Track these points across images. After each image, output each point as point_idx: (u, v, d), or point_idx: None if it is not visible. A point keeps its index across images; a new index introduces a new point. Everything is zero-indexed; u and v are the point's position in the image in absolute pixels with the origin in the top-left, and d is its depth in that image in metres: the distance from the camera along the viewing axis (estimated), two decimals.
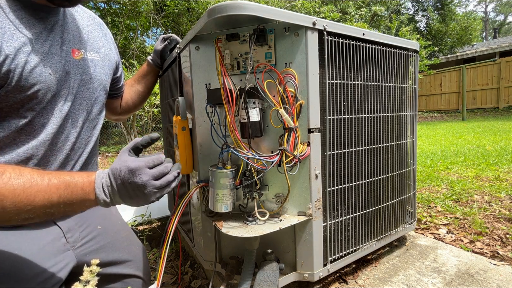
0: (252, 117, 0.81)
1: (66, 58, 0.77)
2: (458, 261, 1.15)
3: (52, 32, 0.75)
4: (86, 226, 0.85)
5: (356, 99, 0.98)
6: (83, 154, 0.86)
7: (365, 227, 1.06)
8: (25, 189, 0.54)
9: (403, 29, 8.12)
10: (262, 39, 0.80)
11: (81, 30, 0.85)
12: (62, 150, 0.79)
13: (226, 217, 0.91)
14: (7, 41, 0.64)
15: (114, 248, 0.87)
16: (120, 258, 0.87)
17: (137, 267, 0.91)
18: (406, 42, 1.14)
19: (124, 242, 0.92)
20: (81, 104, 0.82)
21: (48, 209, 0.56)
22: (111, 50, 0.98)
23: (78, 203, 0.59)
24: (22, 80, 0.66)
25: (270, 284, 0.80)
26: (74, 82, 0.79)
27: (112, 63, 0.97)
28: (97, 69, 0.88)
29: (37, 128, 0.72)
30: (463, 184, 2.17)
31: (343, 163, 0.96)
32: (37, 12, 0.71)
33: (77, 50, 0.81)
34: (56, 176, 0.58)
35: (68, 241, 0.78)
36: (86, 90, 0.84)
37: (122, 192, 0.61)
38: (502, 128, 5.54)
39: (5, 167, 0.55)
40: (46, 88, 0.71)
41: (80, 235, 0.82)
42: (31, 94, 0.68)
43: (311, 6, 8.17)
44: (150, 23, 7.83)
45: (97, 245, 0.84)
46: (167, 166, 0.64)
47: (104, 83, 0.91)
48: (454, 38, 13.63)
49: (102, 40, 0.94)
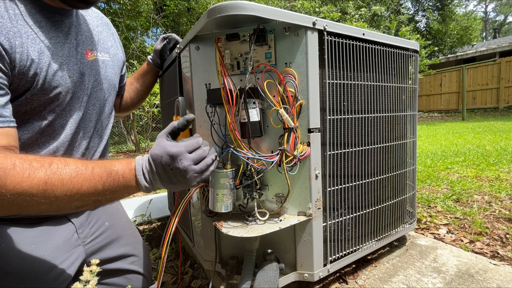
0: (252, 117, 0.81)
1: (81, 60, 0.79)
2: (458, 261, 1.15)
3: (69, 34, 0.76)
4: (94, 222, 0.87)
5: (356, 99, 0.98)
6: (97, 152, 0.88)
7: (365, 227, 1.06)
8: (71, 178, 0.55)
9: (403, 29, 8.12)
10: (262, 39, 0.80)
11: (92, 31, 0.86)
12: (78, 149, 0.81)
13: (226, 217, 0.91)
14: (31, 45, 0.65)
15: (121, 244, 0.89)
16: (126, 252, 0.89)
17: (141, 264, 0.92)
18: (406, 42, 1.14)
19: (130, 238, 0.93)
20: (94, 105, 0.84)
21: (95, 196, 0.58)
22: (118, 49, 0.99)
23: (121, 189, 0.60)
24: (46, 83, 0.68)
25: (270, 284, 0.80)
26: (88, 83, 0.81)
27: (120, 63, 0.99)
28: (108, 69, 0.89)
29: (57, 129, 0.75)
30: (463, 184, 2.17)
31: (343, 163, 0.96)
32: (52, 15, 0.73)
33: (90, 51, 0.83)
34: (98, 165, 0.60)
35: (79, 236, 0.80)
36: (99, 90, 0.85)
37: (164, 178, 0.61)
38: (502, 128, 5.54)
39: (52, 159, 0.57)
40: (66, 90, 0.73)
41: (90, 231, 0.84)
42: (53, 96, 0.71)
43: (311, 6, 8.18)
44: (150, 23, 7.83)
45: (104, 241, 0.86)
46: (205, 149, 0.65)
47: (114, 83, 0.93)
48: (454, 38, 13.62)
49: (111, 40, 0.95)
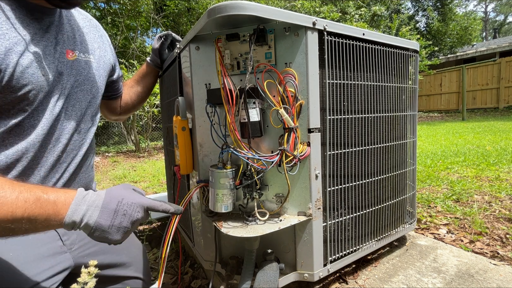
0: (252, 117, 0.81)
1: (60, 59, 0.76)
2: (458, 261, 1.15)
3: (47, 32, 0.74)
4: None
5: (356, 99, 0.98)
6: (77, 156, 0.84)
7: (365, 227, 1.06)
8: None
9: (403, 29, 8.12)
10: (262, 39, 0.80)
11: (76, 32, 0.84)
12: (53, 151, 0.77)
13: (226, 217, 0.91)
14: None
15: (113, 250, 0.87)
16: (119, 260, 0.87)
17: (137, 269, 0.91)
18: (406, 42, 1.14)
19: (124, 243, 0.91)
20: (74, 106, 0.81)
21: (9, 223, 0.52)
22: (106, 52, 0.97)
23: (43, 220, 0.54)
24: (13, 81, 0.65)
25: (270, 284, 0.80)
26: (67, 83, 0.78)
27: (107, 65, 0.96)
28: (91, 70, 0.87)
29: (26, 129, 0.71)
30: (463, 184, 2.17)
31: (343, 163, 0.96)
32: (32, 12, 0.70)
33: (71, 51, 0.80)
34: (31, 190, 0.55)
35: (64, 243, 0.78)
36: (79, 91, 0.82)
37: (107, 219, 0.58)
38: (502, 128, 5.54)
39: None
40: (37, 89, 0.70)
41: (78, 238, 0.82)
42: (22, 95, 0.67)
43: (311, 6, 8.18)
44: (150, 23, 7.83)
45: (95, 247, 0.84)
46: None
47: (98, 85, 0.90)
48: (454, 38, 13.61)
49: (98, 41, 0.93)
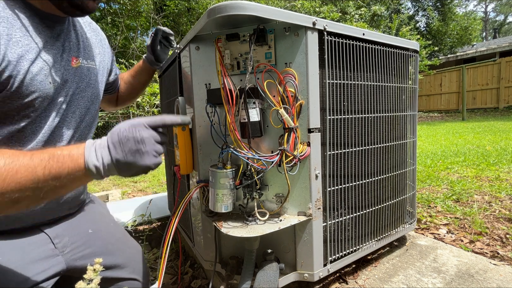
0: (252, 117, 0.81)
1: (65, 67, 0.77)
2: (458, 261, 1.15)
3: (57, 41, 0.75)
4: (76, 232, 0.83)
5: (356, 99, 0.98)
6: None
7: (365, 227, 1.06)
8: (5, 165, 0.49)
9: (403, 29, 8.12)
10: (262, 39, 0.80)
11: (80, 38, 0.85)
12: None
13: (226, 217, 0.91)
14: (11, 47, 0.64)
15: (107, 252, 0.86)
16: (114, 262, 0.86)
17: (133, 270, 0.90)
18: (406, 42, 1.14)
19: (118, 244, 0.91)
20: (74, 112, 0.81)
21: (35, 183, 0.51)
22: (105, 56, 0.98)
23: (67, 174, 0.53)
24: (23, 87, 0.66)
25: (270, 284, 0.80)
26: (69, 90, 0.78)
27: (106, 70, 0.98)
28: (92, 77, 0.87)
29: (28, 135, 0.71)
30: (463, 184, 2.17)
31: (343, 163, 0.96)
32: (44, 20, 0.72)
33: (75, 58, 0.81)
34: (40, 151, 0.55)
35: (56, 246, 0.77)
36: (80, 98, 0.82)
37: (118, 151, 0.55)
38: (502, 128, 5.54)
39: None
40: (44, 96, 0.70)
41: (70, 240, 0.81)
42: (29, 102, 0.68)
43: (311, 6, 8.18)
44: (150, 23, 7.83)
45: (88, 249, 0.83)
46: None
47: (98, 91, 0.91)
48: (454, 38, 13.60)
49: (98, 47, 0.94)
